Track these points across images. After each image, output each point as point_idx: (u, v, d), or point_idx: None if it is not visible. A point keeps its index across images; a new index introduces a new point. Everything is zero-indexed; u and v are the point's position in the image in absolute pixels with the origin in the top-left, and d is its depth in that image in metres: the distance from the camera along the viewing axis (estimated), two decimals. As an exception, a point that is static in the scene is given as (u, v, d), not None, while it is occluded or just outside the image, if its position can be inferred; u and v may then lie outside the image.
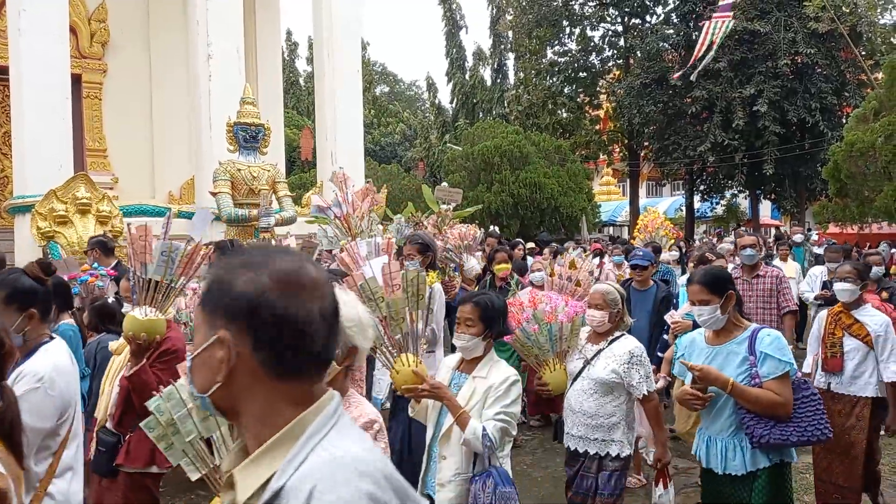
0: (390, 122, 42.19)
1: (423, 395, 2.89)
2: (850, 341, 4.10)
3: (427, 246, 4.68)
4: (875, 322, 4.09)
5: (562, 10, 26.63)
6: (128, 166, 11.51)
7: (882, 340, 4.03)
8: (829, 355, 4.15)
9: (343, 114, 11.11)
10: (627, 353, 3.31)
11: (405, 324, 3.06)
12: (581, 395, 3.36)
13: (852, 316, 4.16)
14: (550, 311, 3.48)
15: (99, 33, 11.39)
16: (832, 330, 4.19)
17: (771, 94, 20.37)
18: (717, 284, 3.00)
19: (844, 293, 4.13)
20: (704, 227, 34.54)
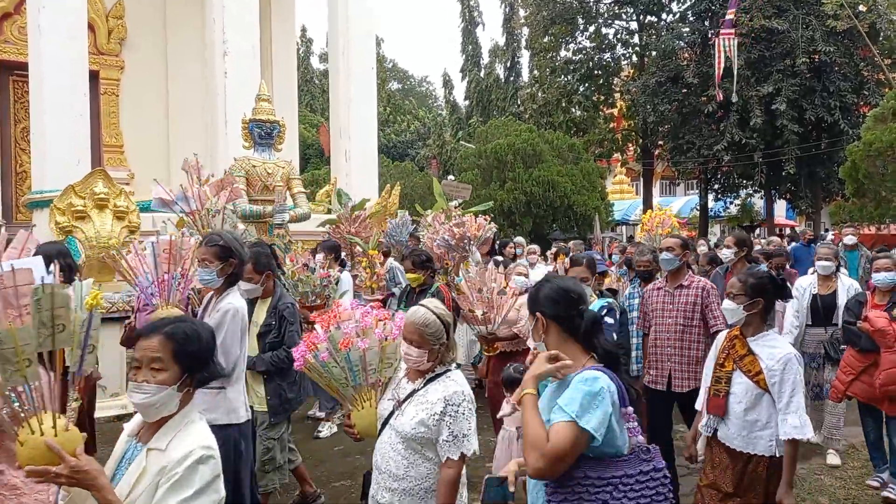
0: (405, 120, 42.21)
1: (58, 482, 1.78)
2: (740, 379, 3.12)
3: (229, 250, 3.48)
4: (772, 355, 3.05)
5: (577, 8, 26.51)
6: (144, 162, 11.61)
7: (778, 382, 2.99)
8: (713, 393, 3.22)
9: (357, 111, 11.13)
10: (442, 399, 2.47)
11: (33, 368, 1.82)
12: (386, 449, 2.55)
13: (747, 344, 3.16)
14: (348, 335, 2.70)
15: (116, 30, 11.50)
16: (723, 360, 3.23)
17: (789, 92, 20.16)
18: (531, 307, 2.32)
19: (727, 313, 3.23)
20: (718, 226, 34.31)
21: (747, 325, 3.16)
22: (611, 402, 2.02)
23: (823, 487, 4.73)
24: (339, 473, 4.97)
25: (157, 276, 3.76)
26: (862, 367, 4.65)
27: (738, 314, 3.15)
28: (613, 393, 2.05)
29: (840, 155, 19.56)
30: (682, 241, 4.59)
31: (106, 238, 6.43)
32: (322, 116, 36.29)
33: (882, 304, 4.70)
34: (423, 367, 2.58)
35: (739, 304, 3.13)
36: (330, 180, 11.84)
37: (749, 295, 3.11)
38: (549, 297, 2.21)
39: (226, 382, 3.32)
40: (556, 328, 2.18)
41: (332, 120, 11.66)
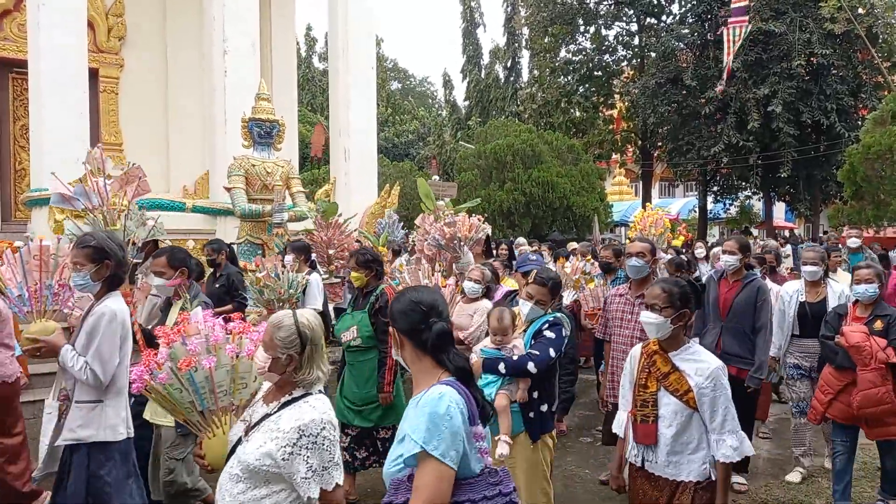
0: (405, 120, 42.21)
1: None
2: (667, 399, 2.78)
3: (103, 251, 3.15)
4: (699, 370, 2.75)
5: (577, 9, 26.56)
6: (143, 160, 11.40)
7: (709, 400, 2.71)
8: (640, 419, 2.87)
9: (357, 111, 11.14)
10: (297, 429, 2.09)
11: None
12: (228, 483, 2.18)
13: (670, 361, 2.83)
14: (193, 352, 2.40)
15: (116, 28, 11.49)
16: (644, 381, 2.88)
17: (786, 95, 20.19)
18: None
19: (649, 326, 2.86)
20: (717, 228, 34.35)
21: (670, 338, 2.84)
22: (461, 421, 1.87)
23: (821, 490, 4.74)
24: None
25: (28, 286, 3.52)
26: (840, 385, 4.30)
27: (664, 328, 2.81)
28: (463, 411, 1.90)
29: (838, 158, 19.60)
30: (651, 245, 4.33)
31: (105, 236, 6.40)
32: (322, 116, 36.28)
33: (863, 318, 4.36)
34: (273, 380, 2.25)
35: (667, 318, 2.78)
36: (329, 180, 11.84)
37: (675, 306, 2.80)
38: (400, 310, 2.04)
39: (102, 395, 3.09)
40: (408, 343, 2.03)
41: (332, 119, 11.67)
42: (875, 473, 4.98)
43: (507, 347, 3.48)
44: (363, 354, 4.54)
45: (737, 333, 4.69)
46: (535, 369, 3.34)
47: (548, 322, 3.55)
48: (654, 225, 9.01)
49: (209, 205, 9.72)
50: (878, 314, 4.31)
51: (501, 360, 3.38)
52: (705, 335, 4.82)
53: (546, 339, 3.47)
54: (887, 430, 4.18)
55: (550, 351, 3.42)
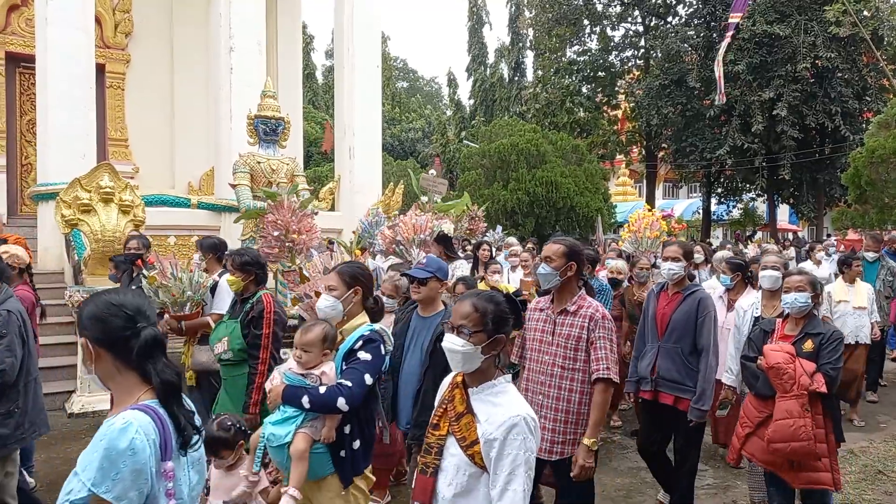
0: (411, 118, 42.25)
1: None
2: (454, 449, 2.09)
3: None
4: (492, 417, 2.04)
5: (582, 9, 26.59)
6: (148, 156, 11.68)
7: (496, 457, 2.00)
8: (420, 469, 2.19)
9: (362, 109, 11.16)
10: None
11: None
12: None
13: (466, 398, 2.14)
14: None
15: (123, 24, 11.55)
16: (437, 420, 2.20)
17: (790, 98, 20.20)
18: None
19: (452, 356, 2.12)
20: (721, 230, 34.32)
21: (477, 371, 2.12)
22: (148, 456, 1.59)
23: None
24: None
25: None
26: (761, 417, 3.54)
27: (473, 359, 2.08)
28: (155, 441, 1.62)
29: (842, 161, 19.58)
30: (566, 248, 3.29)
31: (111, 231, 6.46)
32: (325, 113, 36.33)
33: (791, 336, 3.60)
34: None
35: (477, 345, 2.07)
36: (333, 177, 11.87)
37: (488, 330, 2.10)
38: (95, 315, 1.71)
39: None
40: (107, 354, 1.71)
41: (337, 117, 11.70)
42: (877, 476, 5.00)
43: (313, 375, 2.76)
44: (236, 369, 3.97)
45: (674, 355, 4.00)
46: (347, 406, 2.64)
47: (362, 339, 2.81)
48: (648, 227, 8.41)
49: (214, 201, 9.76)
50: (809, 332, 3.55)
51: (306, 392, 2.68)
52: (642, 357, 4.19)
53: (360, 363, 2.75)
54: (809, 476, 3.43)
55: (366, 378, 2.73)
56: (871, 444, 5.75)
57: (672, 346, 4.02)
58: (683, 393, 3.94)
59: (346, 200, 10.97)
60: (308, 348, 2.79)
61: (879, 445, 5.72)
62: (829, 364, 3.45)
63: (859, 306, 6.40)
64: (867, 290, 6.51)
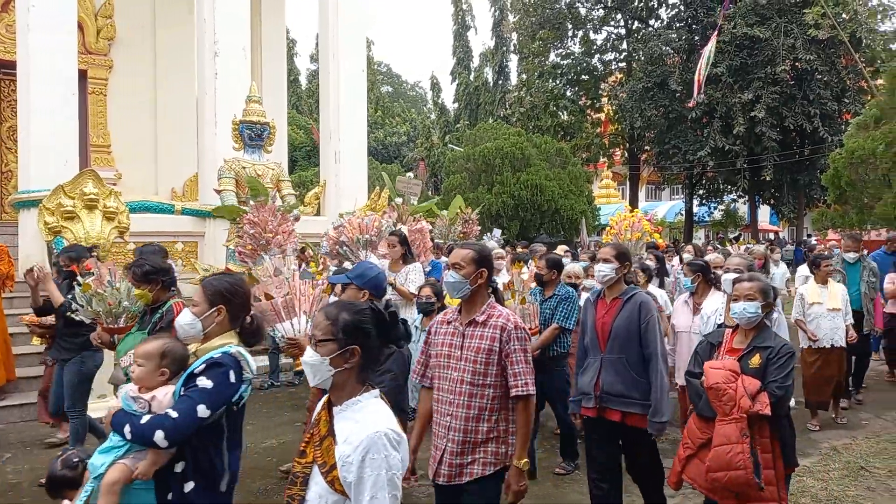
0: (395, 123, 42.29)
1: None
2: (318, 478, 1.89)
3: None
4: (351, 436, 1.84)
5: (565, 13, 26.79)
6: (131, 162, 11.60)
7: (353, 480, 1.80)
8: (286, 501, 1.96)
9: (347, 114, 11.16)
10: None
11: None
12: None
13: (329, 420, 1.96)
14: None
15: (105, 29, 11.47)
16: (304, 446, 1.99)
17: (769, 99, 20.48)
18: None
19: (306, 368, 1.96)
20: (703, 231, 34.68)
21: (335, 387, 1.92)
22: None
23: (805, 488, 4.83)
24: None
25: None
26: (703, 440, 3.26)
27: (322, 370, 1.91)
28: None
29: (822, 162, 19.87)
30: (476, 254, 2.97)
31: (96, 238, 6.41)
32: (309, 118, 36.25)
33: (739, 349, 3.32)
34: None
35: (325, 356, 1.90)
36: (320, 182, 11.85)
37: (339, 340, 1.91)
38: None
39: None
40: None
41: (322, 122, 11.69)
42: (860, 472, 5.08)
43: (142, 400, 2.40)
44: None
45: (618, 367, 3.65)
46: (167, 441, 2.23)
47: (207, 362, 2.41)
48: (630, 229, 8.18)
49: (199, 207, 9.71)
50: (757, 346, 3.24)
51: (129, 420, 2.30)
52: (584, 372, 3.84)
53: (196, 392, 2.33)
54: None
55: (199, 409, 2.28)
56: (854, 441, 5.84)
57: (616, 358, 3.68)
58: (631, 407, 3.62)
59: (332, 205, 10.95)
60: (142, 361, 2.45)
61: (862, 442, 5.81)
62: (775, 382, 3.13)
63: (833, 308, 6.14)
64: (841, 292, 6.27)
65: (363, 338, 1.96)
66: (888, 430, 6.14)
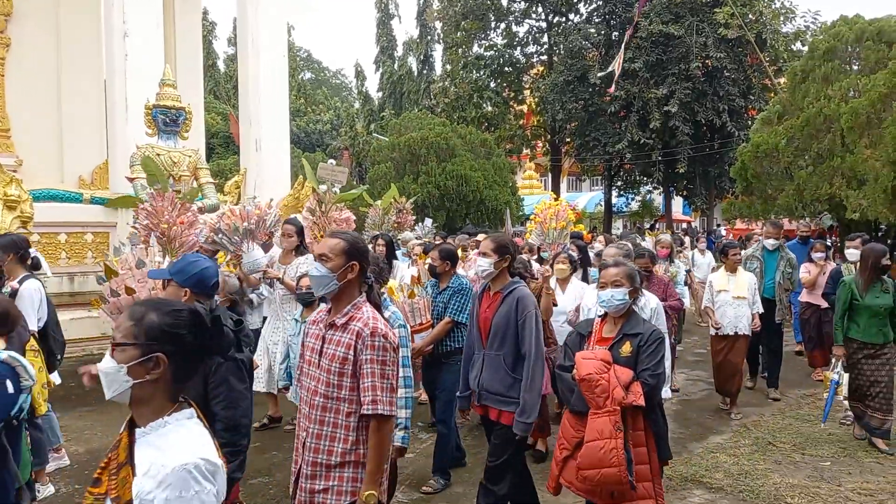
0: (318, 110, 41.48)
1: None
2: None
3: None
4: (153, 468, 1.52)
5: (488, 4, 27.00)
6: (34, 148, 10.81)
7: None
8: None
9: (268, 100, 10.85)
10: None
11: None
12: None
13: (130, 445, 1.62)
14: None
15: (1, 4, 10.63)
16: (98, 473, 1.64)
17: (682, 95, 21.38)
18: None
19: (105, 378, 1.61)
20: (621, 221, 35.89)
21: (139, 402, 1.59)
22: None
23: (718, 464, 5.07)
24: (256, 470, 4.86)
25: None
26: (578, 438, 3.10)
27: (118, 380, 1.57)
28: None
29: (730, 155, 20.93)
30: (347, 244, 2.60)
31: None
32: (228, 104, 35.08)
33: (610, 338, 3.19)
34: None
35: (123, 364, 1.56)
36: (240, 171, 11.48)
37: (142, 347, 1.57)
38: None
39: None
40: None
41: (242, 108, 11.32)
42: (768, 447, 5.39)
43: None
44: None
45: (496, 364, 3.53)
46: None
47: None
48: (555, 217, 7.95)
49: (109, 196, 9.22)
50: (627, 333, 3.13)
51: None
52: (472, 367, 3.74)
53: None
54: None
55: None
56: (762, 419, 6.20)
57: (494, 354, 3.55)
58: (507, 406, 3.46)
59: (255, 194, 10.63)
60: None
61: (769, 419, 6.17)
62: (647, 370, 3.01)
63: (739, 296, 6.22)
64: (748, 280, 6.34)
65: (174, 344, 1.61)
66: (792, 408, 6.54)
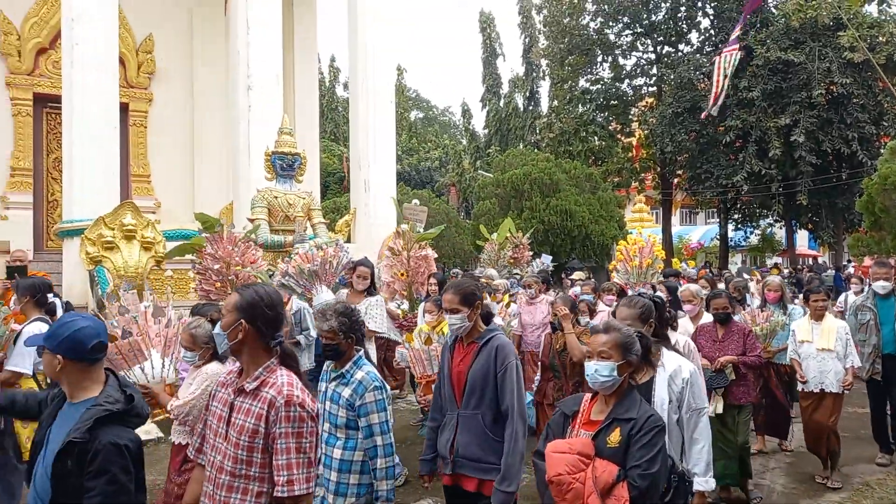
0: (428, 148, 42.68)
1: None
2: None
3: None
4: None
5: (594, 39, 26.94)
6: (170, 191, 11.98)
7: None
8: None
9: (376, 144, 11.34)
10: None
11: None
12: None
13: None
14: None
15: (146, 64, 11.94)
16: None
17: (807, 124, 20.23)
18: None
19: None
20: (740, 256, 34.09)
21: None
22: None
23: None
24: None
25: None
26: None
27: None
28: None
29: (860, 186, 19.52)
30: (239, 300, 2.23)
31: (133, 268, 6.65)
32: (344, 146, 36.88)
33: (598, 421, 2.51)
34: None
35: None
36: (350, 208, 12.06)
37: None
38: None
39: None
40: None
41: (352, 151, 11.93)
42: None
43: None
44: None
45: (473, 425, 3.04)
46: None
47: None
48: (638, 254, 7.06)
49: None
50: (618, 417, 2.46)
51: None
52: (442, 429, 3.21)
53: None
54: None
55: None
56: (889, 476, 5.69)
57: (471, 414, 3.05)
58: (488, 474, 2.96)
59: (364, 232, 11.13)
60: None
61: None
62: (638, 468, 2.33)
63: (824, 348, 5.31)
64: (836, 329, 5.38)
65: None
66: (924, 466, 5.95)
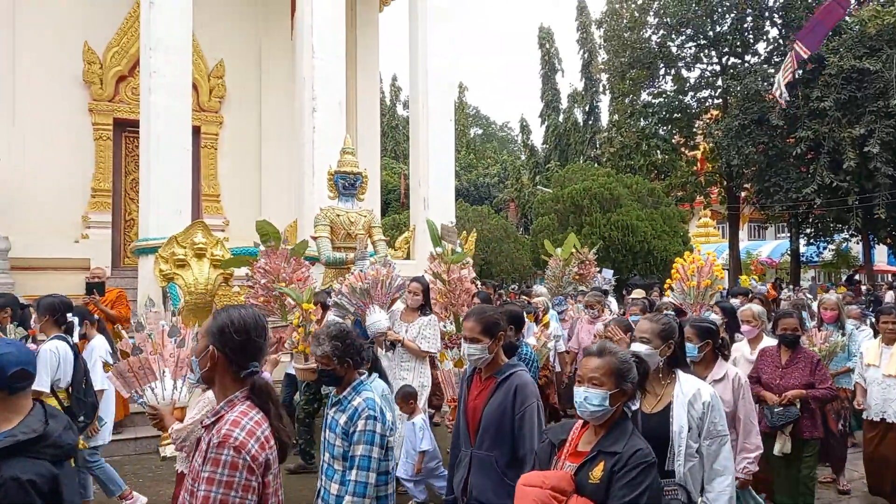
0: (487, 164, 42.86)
1: None
2: None
3: None
4: None
5: (656, 52, 26.51)
6: (238, 210, 12.44)
7: None
8: None
9: (436, 162, 11.48)
10: None
11: None
12: None
13: None
14: None
15: (217, 89, 12.48)
16: None
17: (882, 134, 19.30)
18: None
19: None
20: (813, 272, 32.66)
21: None
22: None
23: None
24: None
25: None
26: None
27: None
28: None
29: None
30: (210, 327, 2.06)
31: (203, 285, 6.93)
32: (405, 164, 37.44)
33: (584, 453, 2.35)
34: None
35: None
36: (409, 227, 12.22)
37: None
38: None
39: None
40: None
41: (412, 170, 12.10)
42: None
43: None
44: None
45: (488, 468, 2.81)
46: None
47: None
48: (696, 274, 6.52)
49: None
50: (604, 451, 2.25)
51: None
52: (457, 468, 2.99)
53: None
54: None
55: None
56: None
57: (485, 455, 2.83)
58: None
59: (423, 250, 11.24)
60: None
61: None
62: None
63: (891, 374, 4.93)
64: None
65: None
66: None
